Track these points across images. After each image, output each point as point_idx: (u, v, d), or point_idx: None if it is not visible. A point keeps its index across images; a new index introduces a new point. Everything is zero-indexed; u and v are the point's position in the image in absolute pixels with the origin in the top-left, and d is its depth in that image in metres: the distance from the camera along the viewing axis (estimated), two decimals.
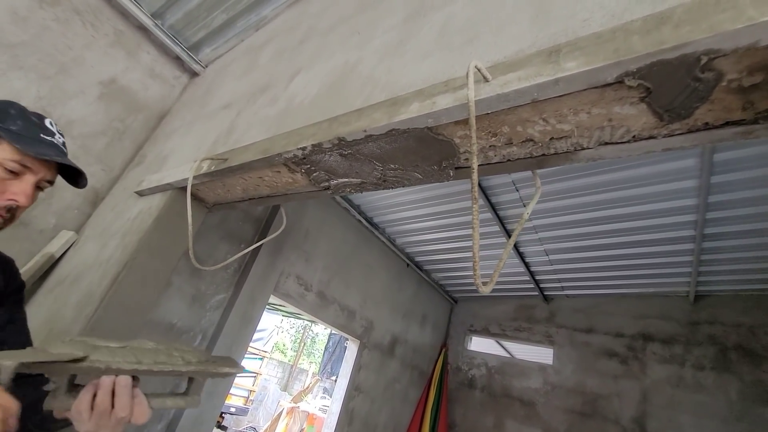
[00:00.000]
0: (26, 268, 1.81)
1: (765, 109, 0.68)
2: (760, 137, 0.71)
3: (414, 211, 3.98)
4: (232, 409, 9.81)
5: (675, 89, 0.67)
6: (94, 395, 0.70)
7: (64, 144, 1.03)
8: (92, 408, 0.70)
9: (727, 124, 0.72)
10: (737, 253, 3.52)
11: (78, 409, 0.70)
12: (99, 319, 1.33)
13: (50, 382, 0.70)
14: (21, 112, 0.97)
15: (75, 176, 1.07)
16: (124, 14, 2.45)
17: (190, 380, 0.82)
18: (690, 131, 0.74)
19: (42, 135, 0.96)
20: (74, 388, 0.73)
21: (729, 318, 4.15)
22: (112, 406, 0.70)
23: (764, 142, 2.41)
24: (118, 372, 0.72)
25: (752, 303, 4.09)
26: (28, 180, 0.94)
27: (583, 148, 0.85)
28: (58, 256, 1.94)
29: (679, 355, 4.23)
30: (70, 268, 1.79)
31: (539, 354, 5.44)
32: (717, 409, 3.83)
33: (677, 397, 4.06)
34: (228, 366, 0.83)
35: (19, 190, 0.93)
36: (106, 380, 0.71)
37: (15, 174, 0.92)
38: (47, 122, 1.00)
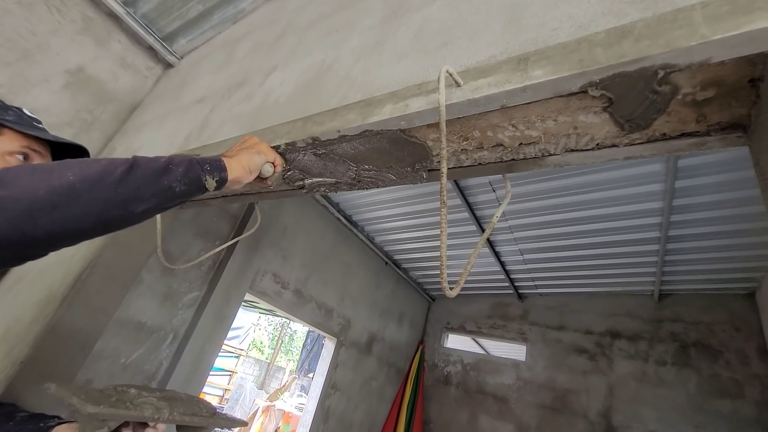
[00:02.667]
0: None
1: (717, 122, 0.72)
2: (712, 149, 0.75)
3: (393, 210, 3.99)
4: None
5: (635, 101, 0.70)
6: None
7: None
8: None
9: (683, 135, 0.75)
10: (699, 254, 3.70)
11: None
12: (61, 319, 1.28)
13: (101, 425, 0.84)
14: (3, 104, 0.96)
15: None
16: (94, 0, 2.35)
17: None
18: (649, 141, 0.78)
19: (34, 123, 0.97)
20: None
21: (690, 316, 4.36)
22: None
23: (726, 150, 2.53)
24: (165, 422, 0.88)
25: (711, 301, 4.31)
26: None
27: (551, 154, 0.88)
28: None
29: (643, 351, 4.43)
30: (31, 265, 1.71)
31: (513, 351, 5.58)
32: (677, 402, 4.03)
33: (641, 392, 4.25)
34: (236, 423, 1.04)
35: None
36: (151, 430, 0.89)
37: (25, 161, 0.92)
38: (27, 111, 0.98)
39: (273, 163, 1.01)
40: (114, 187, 0.65)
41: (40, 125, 0.99)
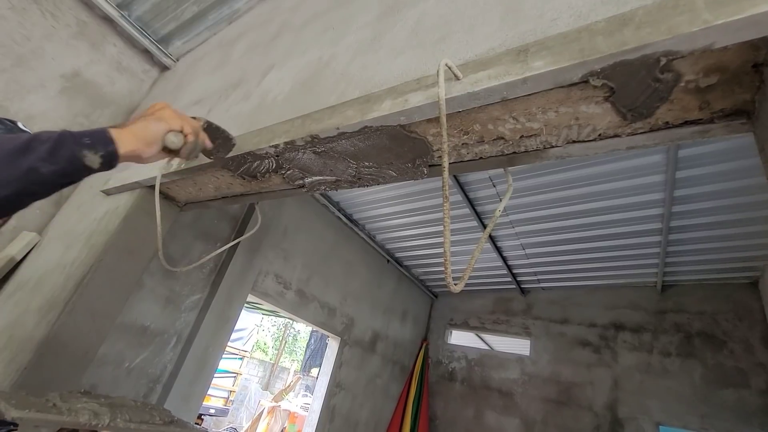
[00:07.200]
0: None
1: (720, 109, 0.71)
2: (715, 136, 0.74)
3: (394, 207, 3.98)
4: (212, 411, 9.62)
5: (637, 89, 0.69)
6: None
7: None
8: None
9: (686, 123, 0.74)
10: (701, 244, 3.69)
11: None
12: (63, 324, 1.28)
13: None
14: None
15: None
16: (88, 4, 2.34)
17: None
18: (652, 130, 0.77)
19: None
20: None
21: (693, 306, 4.36)
22: None
23: (726, 139, 2.52)
24: (105, 428, 0.85)
25: (714, 291, 4.31)
26: None
27: (552, 146, 0.87)
28: (19, 258, 1.84)
29: (647, 342, 4.42)
30: (32, 271, 1.71)
31: (517, 345, 5.57)
32: (682, 392, 4.03)
33: (646, 383, 4.25)
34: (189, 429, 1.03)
35: None
36: None
37: None
38: (21, 125, 0.97)
39: (182, 132, 0.85)
40: None
41: None
